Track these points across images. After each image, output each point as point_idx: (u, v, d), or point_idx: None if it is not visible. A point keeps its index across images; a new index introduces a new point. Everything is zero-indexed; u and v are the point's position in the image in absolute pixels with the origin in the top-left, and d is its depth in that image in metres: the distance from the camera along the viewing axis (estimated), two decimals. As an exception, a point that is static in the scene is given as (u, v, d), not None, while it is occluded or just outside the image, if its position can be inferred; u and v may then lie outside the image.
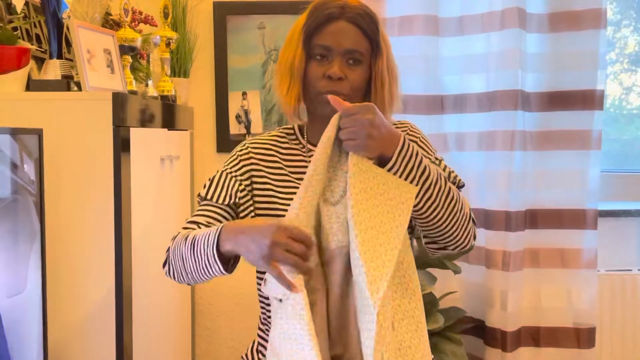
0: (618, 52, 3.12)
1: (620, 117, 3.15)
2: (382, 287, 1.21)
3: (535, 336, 2.69)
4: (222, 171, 1.53)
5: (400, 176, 1.35)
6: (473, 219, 1.51)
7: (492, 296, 2.65)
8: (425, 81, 2.68)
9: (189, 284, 1.52)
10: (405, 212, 1.31)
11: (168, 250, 1.48)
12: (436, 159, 1.57)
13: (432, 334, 2.45)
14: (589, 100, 2.61)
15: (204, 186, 1.53)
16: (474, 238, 1.52)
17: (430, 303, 2.48)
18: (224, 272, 1.36)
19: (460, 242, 1.48)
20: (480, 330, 2.73)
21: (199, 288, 2.83)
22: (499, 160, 2.61)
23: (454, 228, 1.44)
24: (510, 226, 2.60)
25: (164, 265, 1.50)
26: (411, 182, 1.35)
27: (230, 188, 1.49)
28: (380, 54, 1.47)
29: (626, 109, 3.14)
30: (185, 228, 1.48)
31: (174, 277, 1.48)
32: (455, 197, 1.42)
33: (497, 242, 2.63)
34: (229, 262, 1.37)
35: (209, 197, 1.50)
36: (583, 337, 2.65)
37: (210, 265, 1.35)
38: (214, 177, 1.53)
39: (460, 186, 1.56)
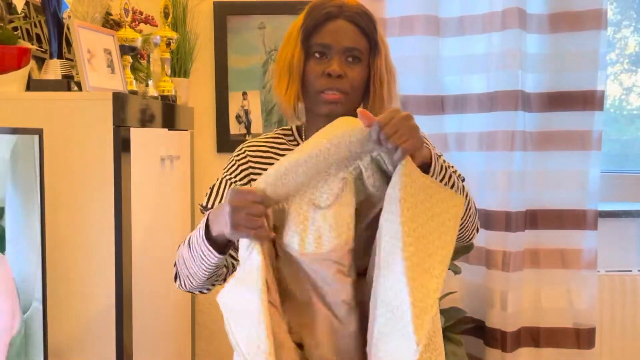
0: (618, 52, 3.12)
1: (621, 118, 3.14)
2: (427, 323, 1.09)
3: (535, 337, 2.69)
4: (222, 178, 1.53)
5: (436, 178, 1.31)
6: (476, 211, 1.53)
7: (492, 296, 2.65)
8: (426, 81, 2.68)
9: (201, 292, 1.51)
10: (451, 231, 1.19)
11: (175, 264, 1.49)
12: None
13: (432, 334, 2.45)
14: (589, 100, 2.61)
15: (205, 194, 1.54)
16: (477, 230, 1.55)
17: (430, 303, 2.48)
18: (218, 255, 1.35)
19: (467, 238, 1.51)
20: (481, 330, 2.73)
21: (199, 288, 2.83)
22: (499, 161, 2.61)
23: (468, 226, 1.48)
24: (511, 226, 2.60)
25: (175, 279, 1.51)
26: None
27: None
28: (378, 53, 1.47)
29: (626, 109, 3.14)
30: None
31: (185, 286, 1.49)
32: (469, 197, 1.44)
33: (497, 242, 2.63)
34: (226, 248, 1.37)
35: (209, 206, 1.51)
36: (583, 337, 2.65)
37: (205, 255, 1.36)
38: (213, 186, 1.53)
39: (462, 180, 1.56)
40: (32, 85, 1.83)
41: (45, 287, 1.61)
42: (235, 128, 2.82)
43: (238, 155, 1.55)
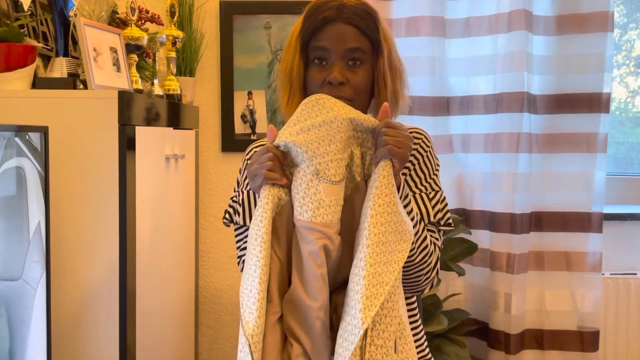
0: (624, 55, 3.11)
1: (626, 120, 3.14)
2: (375, 306, 1.15)
3: (539, 339, 2.68)
4: (248, 190, 1.48)
5: None
6: (437, 269, 1.45)
7: (496, 298, 2.65)
8: (432, 82, 2.68)
9: None
10: (402, 254, 1.23)
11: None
12: (433, 189, 1.48)
13: (435, 335, 2.44)
14: (595, 103, 2.60)
15: (234, 210, 1.49)
16: (432, 287, 1.49)
17: (434, 305, 2.48)
18: None
19: (413, 289, 1.45)
20: (484, 332, 2.72)
21: (202, 287, 2.83)
22: (505, 162, 2.60)
23: (413, 277, 1.41)
24: (515, 228, 2.59)
25: None
26: None
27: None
28: (381, 52, 1.41)
29: (632, 112, 3.13)
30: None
31: None
32: (428, 249, 1.39)
33: (501, 244, 2.63)
34: None
35: (245, 222, 1.47)
36: (587, 340, 2.64)
37: None
38: (242, 200, 1.48)
39: (447, 224, 1.48)
40: (37, 83, 1.84)
41: (49, 285, 1.61)
42: (240, 127, 2.82)
43: (250, 158, 1.51)
